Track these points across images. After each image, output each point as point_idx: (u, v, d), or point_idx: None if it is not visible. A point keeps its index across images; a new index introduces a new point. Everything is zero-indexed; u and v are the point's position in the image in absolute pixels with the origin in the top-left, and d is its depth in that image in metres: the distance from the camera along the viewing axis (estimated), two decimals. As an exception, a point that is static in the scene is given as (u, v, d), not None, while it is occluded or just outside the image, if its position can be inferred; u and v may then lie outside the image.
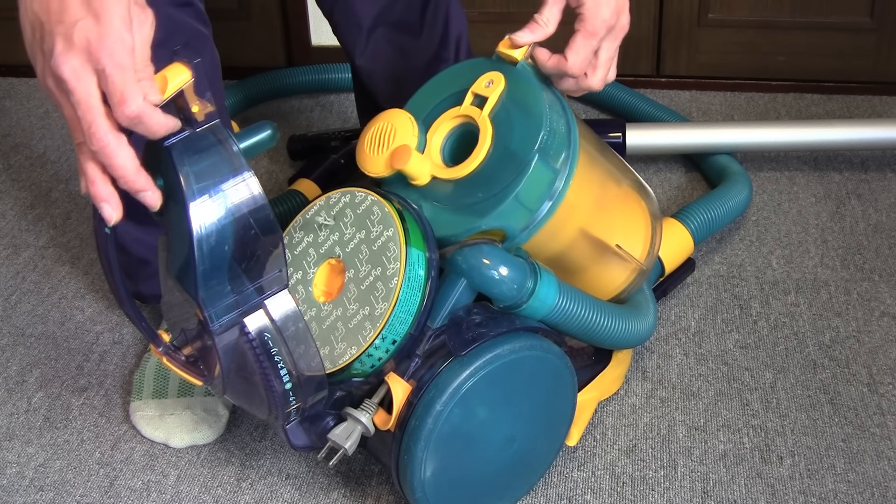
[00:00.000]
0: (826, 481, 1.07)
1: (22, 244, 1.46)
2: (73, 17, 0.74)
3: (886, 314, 1.27)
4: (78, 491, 1.09)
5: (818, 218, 1.44)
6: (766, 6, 1.67)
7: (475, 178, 0.97)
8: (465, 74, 1.02)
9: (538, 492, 1.07)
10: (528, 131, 0.96)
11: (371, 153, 1.00)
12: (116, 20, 0.74)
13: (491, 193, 0.96)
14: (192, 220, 0.79)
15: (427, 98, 1.04)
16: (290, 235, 1.02)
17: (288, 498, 1.08)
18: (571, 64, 0.96)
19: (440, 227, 0.97)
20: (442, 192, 0.99)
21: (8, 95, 1.81)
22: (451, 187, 0.98)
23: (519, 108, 0.97)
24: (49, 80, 0.77)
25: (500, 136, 0.97)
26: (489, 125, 0.98)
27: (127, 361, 1.25)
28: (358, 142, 1.01)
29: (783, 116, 1.67)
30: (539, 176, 0.96)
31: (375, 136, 1.00)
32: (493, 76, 0.99)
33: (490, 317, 0.96)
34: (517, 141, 0.96)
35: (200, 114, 0.79)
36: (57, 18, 0.75)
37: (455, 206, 0.97)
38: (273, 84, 1.73)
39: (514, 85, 0.99)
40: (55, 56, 0.75)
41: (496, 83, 0.99)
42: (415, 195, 0.99)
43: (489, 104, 0.98)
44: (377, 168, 0.99)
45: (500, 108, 0.98)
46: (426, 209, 0.98)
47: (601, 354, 1.15)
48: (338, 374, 0.95)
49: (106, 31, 0.74)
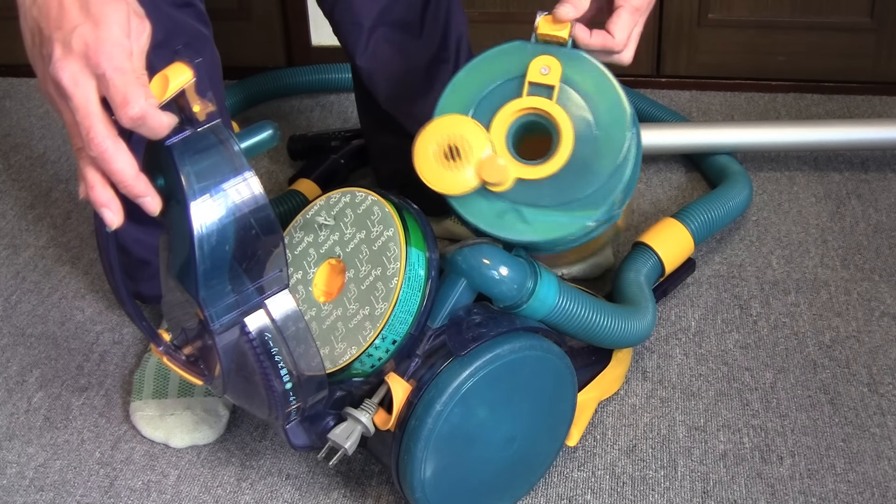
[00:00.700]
0: (826, 481, 1.07)
1: (22, 244, 1.46)
2: (72, 22, 0.74)
3: (886, 314, 1.27)
4: (78, 491, 1.09)
5: (818, 218, 1.44)
6: (766, 6, 1.67)
7: (569, 171, 0.92)
8: (506, 63, 0.95)
9: (538, 492, 1.07)
10: (611, 111, 0.92)
11: (447, 170, 0.92)
12: (115, 26, 0.74)
13: (597, 182, 0.92)
14: (193, 220, 0.79)
15: (467, 94, 0.96)
16: (290, 235, 1.02)
17: (288, 498, 1.08)
18: (619, 40, 0.93)
19: (548, 230, 0.93)
20: (531, 193, 0.93)
21: (8, 95, 1.81)
22: (542, 186, 0.93)
23: (587, 90, 0.93)
24: (49, 86, 0.77)
25: (579, 121, 0.93)
26: (564, 113, 0.93)
27: (127, 361, 1.25)
28: (418, 163, 0.94)
29: (783, 116, 1.67)
30: (637, 151, 0.94)
31: (443, 150, 0.93)
32: (547, 61, 0.93)
33: (490, 317, 0.96)
34: (603, 123, 0.92)
35: (202, 113, 0.79)
36: (56, 24, 0.75)
37: (557, 205, 0.92)
38: (273, 84, 1.73)
39: (571, 66, 0.93)
40: (54, 62, 0.75)
41: (553, 68, 0.93)
42: (501, 203, 0.93)
43: (555, 91, 0.93)
44: (461, 186, 0.92)
45: (565, 92, 0.93)
46: (527, 214, 0.93)
47: (601, 354, 1.15)
48: (338, 373, 0.95)
49: (104, 36, 0.74)
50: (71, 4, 0.75)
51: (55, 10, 0.75)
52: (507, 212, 0.93)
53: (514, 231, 0.94)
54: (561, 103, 0.93)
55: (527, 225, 0.93)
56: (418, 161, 0.94)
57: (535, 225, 0.93)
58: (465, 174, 0.92)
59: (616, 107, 0.93)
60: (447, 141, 0.93)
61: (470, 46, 1.31)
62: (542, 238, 0.93)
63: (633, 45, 0.96)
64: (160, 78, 0.77)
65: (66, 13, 0.75)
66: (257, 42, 1.81)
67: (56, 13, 0.75)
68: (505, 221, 0.94)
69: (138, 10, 0.78)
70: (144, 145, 0.83)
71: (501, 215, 0.93)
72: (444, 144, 0.93)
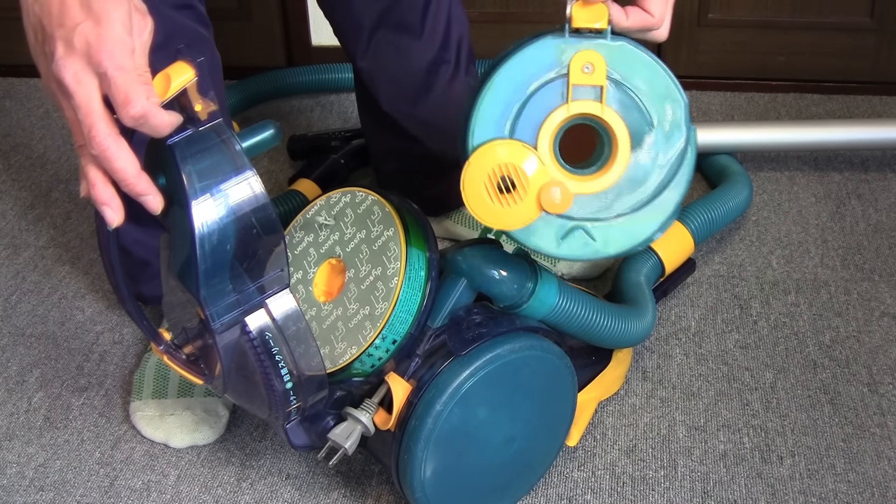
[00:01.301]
0: (826, 481, 1.07)
1: (22, 244, 1.46)
2: (74, 20, 0.74)
3: (886, 314, 1.27)
4: (78, 491, 1.09)
5: (818, 218, 1.44)
6: (766, 6, 1.67)
7: (629, 177, 0.86)
8: (540, 63, 0.84)
9: (538, 492, 1.07)
10: (666, 104, 0.85)
11: (504, 206, 0.85)
12: (116, 23, 0.74)
13: (661, 186, 0.86)
14: (194, 219, 0.79)
15: (501, 106, 0.85)
16: (290, 235, 1.02)
17: (288, 498, 1.08)
18: (659, 17, 0.85)
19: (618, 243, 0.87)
20: (592, 206, 0.86)
21: (8, 95, 1.81)
22: (603, 197, 0.86)
23: (637, 84, 0.85)
24: (52, 84, 0.77)
25: (633, 120, 0.85)
26: (617, 115, 0.85)
27: (127, 361, 1.25)
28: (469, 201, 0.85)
29: (783, 116, 1.67)
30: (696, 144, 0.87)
31: (495, 183, 0.85)
32: (589, 57, 0.84)
33: (490, 317, 0.96)
34: (660, 118, 0.85)
35: (203, 113, 0.79)
36: (57, 22, 0.75)
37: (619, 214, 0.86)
38: (273, 84, 1.73)
39: (616, 59, 0.84)
40: (56, 60, 0.75)
41: (597, 65, 0.84)
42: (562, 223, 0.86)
43: (604, 92, 0.84)
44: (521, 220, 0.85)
45: (613, 91, 0.85)
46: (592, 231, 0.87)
47: (601, 354, 1.15)
48: (338, 373, 0.95)
49: (106, 34, 0.74)
50: (72, 2, 0.75)
51: (57, 8, 0.75)
52: (570, 232, 0.87)
53: (582, 251, 0.88)
54: (610, 103, 0.85)
55: (594, 242, 0.87)
56: (470, 199, 0.85)
57: (601, 241, 0.87)
58: (525, 206, 0.85)
59: (671, 98, 0.85)
60: (498, 172, 0.84)
61: (471, 47, 1.31)
62: (613, 252, 0.88)
63: (669, 18, 0.88)
64: (162, 77, 0.77)
65: (67, 11, 0.75)
66: (257, 42, 1.81)
67: (58, 11, 0.75)
68: (569, 243, 0.87)
69: (140, 6, 0.78)
70: (146, 144, 0.83)
71: (564, 236, 0.87)
72: (496, 177, 0.85)
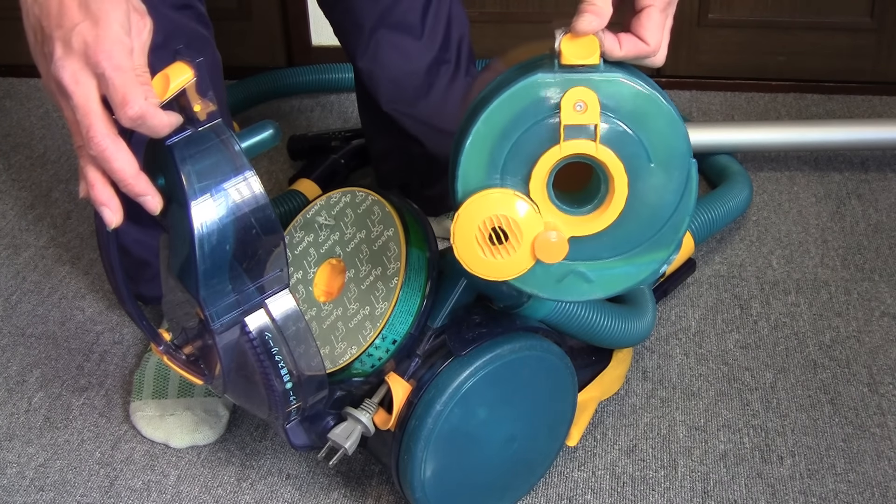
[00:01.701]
0: (826, 481, 1.07)
1: (22, 244, 1.46)
2: (72, 21, 0.74)
3: (886, 314, 1.27)
4: (78, 491, 1.09)
5: (818, 218, 1.44)
6: (766, 6, 1.67)
7: (628, 217, 0.82)
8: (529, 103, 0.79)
9: (538, 492, 1.07)
10: (665, 137, 0.80)
11: (497, 257, 0.82)
12: (115, 24, 0.75)
13: (661, 221, 0.82)
14: (194, 219, 0.79)
15: (489, 150, 0.80)
16: (290, 235, 1.02)
17: (288, 498, 1.08)
18: (654, 45, 0.80)
19: (615, 284, 0.84)
20: (589, 248, 0.83)
21: (8, 95, 1.81)
22: (600, 238, 0.82)
23: (633, 118, 0.79)
24: (51, 84, 0.77)
25: (630, 156, 0.80)
26: (612, 154, 0.79)
27: (127, 361, 1.25)
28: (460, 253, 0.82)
29: (783, 116, 1.67)
30: (697, 175, 0.83)
31: (485, 234, 0.81)
32: (581, 94, 0.78)
33: (490, 317, 0.96)
34: (659, 152, 0.80)
35: (202, 113, 0.79)
36: (56, 23, 0.75)
37: (620, 254, 0.83)
38: (273, 84, 1.73)
39: (610, 94, 0.79)
40: (55, 61, 0.75)
41: (590, 102, 0.78)
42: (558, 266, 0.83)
43: (597, 131, 0.79)
44: (515, 270, 0.82)
45: (607, 129, 0.79)
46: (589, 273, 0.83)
47: (601, 354, 1.15)
48: (338, 373, 0.95)
49: (104, 34, 0.74)
50: (71, 3, 0.75)
51: (55, 9, 0.75)
52: (567, 274, 0.84)
53: (578, 293, 0.85)
54: (605, 141, 0.79)
55: (591, 284, 0.84)
56: (461, 251, 0.82)
57: (599, 282, 0.84)
58: (519, 257, 0.82)
59: (671, 130, 0.80)
60: (490, 224, 0.81)
61: (472, 47, 1.31)
62: (609, 293, 0.85)
63: (666, 44, 0.84)
64: (161, 77, 0.77)
65: (66, 11, 0.75)
66: (257, 42, 1.81)
67: (56, 11, 0.75)
68: (566, 285, 0.84)
69: (139, 6, 0.78)
70: (145, 144, 0.83)
71: (561, 279, 0.84)
72: (488, 228, 0.81)
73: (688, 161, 0.81)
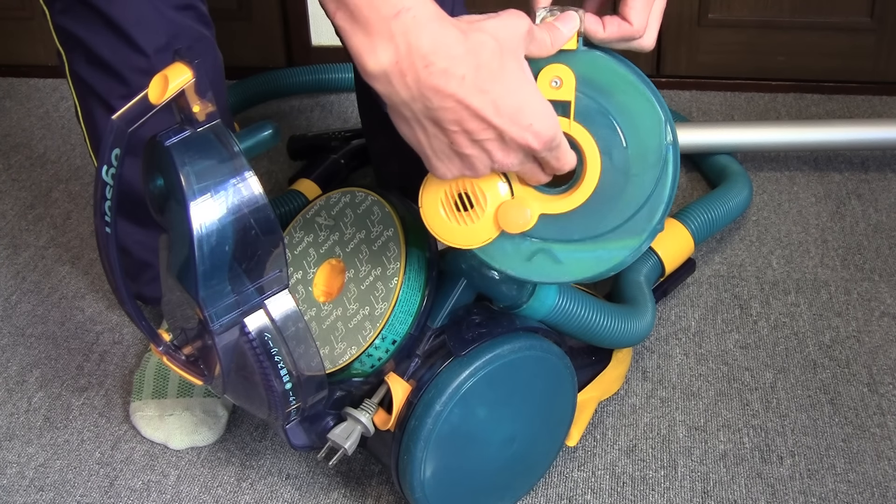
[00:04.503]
0: (826, 481, 1.07)
1: (22, 244, 1.46)
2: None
3: (886, 314, 1.27)
4: (78, 491, 1.09)
5: (818, 218, 1.44)
6: (766, 6, 1.67)
7: (600, 198, 0.81)
8: None
9: (538, 492, 1.07)
10: (641, 118, 0.80)
11: (461, 223, 0.82)
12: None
13: (634, 205, 0.81)
14: (193, 220, 0.79)
15: None
16: (290, 235, 1.02)
17: (288, 498, 1.08)
18: (637, 26, 0.81)
19: (585, 268, 0.83)
20: (560, 228, 0.83)
21: (8, 95, 1.81)
22: (571, 218, 0.82)
23: (609, 97, 0.80)
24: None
25: (604, 137, 0.81)
26: (586, 132, 0.80)
27: (127, 361, 1.25)
28: (426, 217, 0.83)
29: (783, 116, 1.67)
30: (676, 162, 0.81)
31: (453, 200, 0.82)
32: (557, 71, 0.80)
33: (490, 317, 0.96)
34: (633, 135, 0.80)
35: (201, 113, 0.79)
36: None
37: (591, 238, 0.82)
38: (273, 84, 1.73)
39: (587, 71, 0.80)
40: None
41: (566, 79, 0.79)
42: (528, 244, 0.83)
43: (572, 107, 0.80)
44: (479, 238, 0.82)
45: (583, 105, 0.80)
46: (559, 253, 0.83)
47: (601, 354, 1.15)
48: (338, 373, 0.95)
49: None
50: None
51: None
52: (537, 253, 0.84)
53: (546, 274, 0.84)
54: (580, 119, 0.81)
55: (560, 265, 0.84)
56: (427, 215, 0.83)
57: (569, 264, 0.83)
58: (482, 225, 0.82)
59: (646, 112, 0.80)
60: (456, 188, 0.82)
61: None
62: (579, 278, 0.85)
63: (655, 27, 0.84)
64: (160, 78, 0.77)
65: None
66: (257, 42, 1.81)
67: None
68: (535, 264, 0.84)
69: None
70: (144, 145, 0.83)
71: (530, 257, 0.84)
72: (454, 193, 0.82)
73: (664, 147, 0.80)
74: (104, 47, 1.00)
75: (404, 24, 0.70)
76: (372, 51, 0.71)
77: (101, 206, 0.81)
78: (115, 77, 1.01)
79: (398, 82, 0.72)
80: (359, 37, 0.71)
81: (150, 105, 0.77)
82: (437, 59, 0.71)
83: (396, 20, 0.70)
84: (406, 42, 0.70)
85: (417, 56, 0.70)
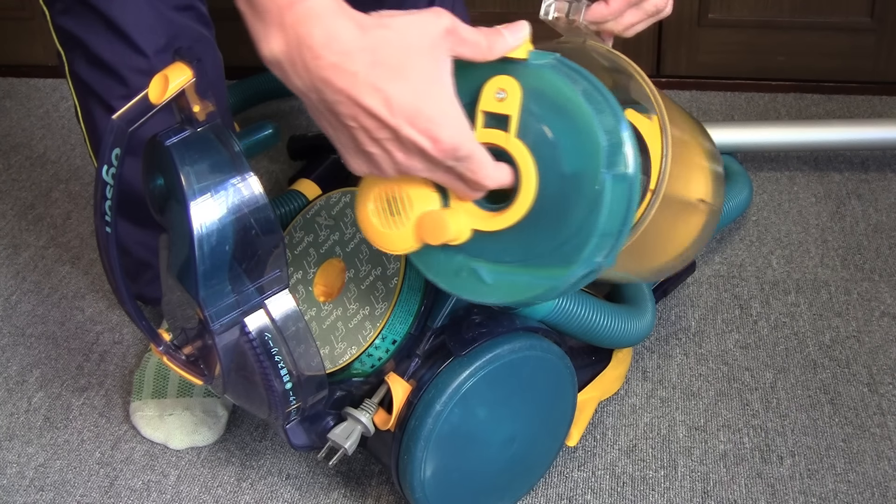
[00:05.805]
0: (826, 481, 1.07)
1: (22, 244, 1.46)
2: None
3: (886, 314, 1.27)
4: (78, 491, 1.09)
5: (818, 218, 1.44)
6: (766, 6, 1.67)
7: (533, 220, 0.77)
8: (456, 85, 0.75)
9: (538, 492, 1.07)
10: (580, 144, 0.75)
11: (387, 228, 0.79)
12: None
13: (565, 234, 0.76)
14: (193, 220, 0.79)
15: None
16: (290, 235, 1.02)
17: (288, 498, 1.08)
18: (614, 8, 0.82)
19: (510, 293, 0.79)
20: (492, 248, 0.79)
21: (8, 95, 1.81)
22: (503, 238, 0.78)
23: (554, 116, 0.76)
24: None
25: (545, 158, 0.76)
26: (525, 150, 0.76)
27: (127, 361, 1.25)
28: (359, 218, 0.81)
29: (783, 116, 1.67)
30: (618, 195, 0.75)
31: (382, 206, 0.79)
32: (503, 83, 0.76)
33: (490, 317, 0.96)
34: (572, 159, 0.75)
35: (202, 113, 0.79)
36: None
37: (520, 261, 0.78)
38: (273, 84, 1.73)
39: (534, 86, 0.76)
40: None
41: (511, 92, 0.76)
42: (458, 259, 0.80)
43: (513, 122, 0.76)
44: (400, 245, 0.79)
45: (527, 121, 0.76)
46: (485, 273, 0.79)
47: (601, 354, 1.15)
48: (338, 373, 0.95)
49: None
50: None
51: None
52: (464, 269, 0.80)
53: (471, 292, 0.81)
54: (522, 136, 0.76)
55: (485, 285, 0.80)
56: (359, 216, 0.81)
57: (494, 286, 0.80)
58: (405, 232, 0.79)
59: (586, 136, 0.74)
60: (385, 192, 0.79)
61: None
62: (503, 301, 0.81)
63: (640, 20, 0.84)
64: (160, 78, 0.77)
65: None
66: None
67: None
68: (462, 280, 0.81)
69: None
70: (144, 145, 0.83)
71: (458, 273, 0.81)
72: (382, 197, 0.79)
73: (598, 174, 0.74)
74: (104, 48, 1.00)
75: (296, 15, 0.69)
76: (266, 38, 0.71)
77: (102, 206, 0.81)
78: (115, 77, 1.01)
79: (290, 71, 0.71)
80: (255, 23, 0.71)
81: (150, 105, 0.77)
82: (327, 53, 0.69)
83: (290, 10, 0.69)
84: (296, 33, 0.69)
85: (306, 48, 0.69)
